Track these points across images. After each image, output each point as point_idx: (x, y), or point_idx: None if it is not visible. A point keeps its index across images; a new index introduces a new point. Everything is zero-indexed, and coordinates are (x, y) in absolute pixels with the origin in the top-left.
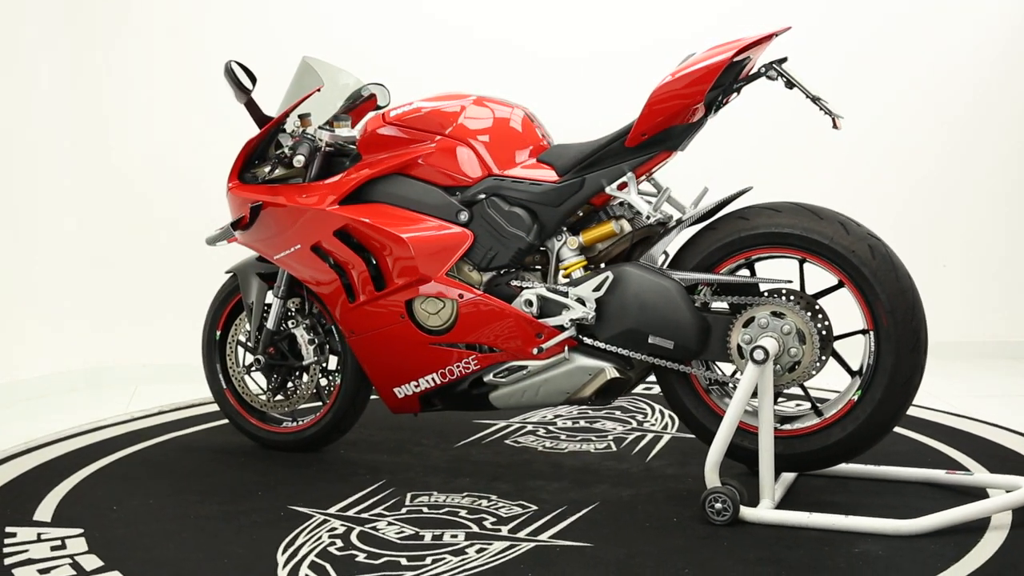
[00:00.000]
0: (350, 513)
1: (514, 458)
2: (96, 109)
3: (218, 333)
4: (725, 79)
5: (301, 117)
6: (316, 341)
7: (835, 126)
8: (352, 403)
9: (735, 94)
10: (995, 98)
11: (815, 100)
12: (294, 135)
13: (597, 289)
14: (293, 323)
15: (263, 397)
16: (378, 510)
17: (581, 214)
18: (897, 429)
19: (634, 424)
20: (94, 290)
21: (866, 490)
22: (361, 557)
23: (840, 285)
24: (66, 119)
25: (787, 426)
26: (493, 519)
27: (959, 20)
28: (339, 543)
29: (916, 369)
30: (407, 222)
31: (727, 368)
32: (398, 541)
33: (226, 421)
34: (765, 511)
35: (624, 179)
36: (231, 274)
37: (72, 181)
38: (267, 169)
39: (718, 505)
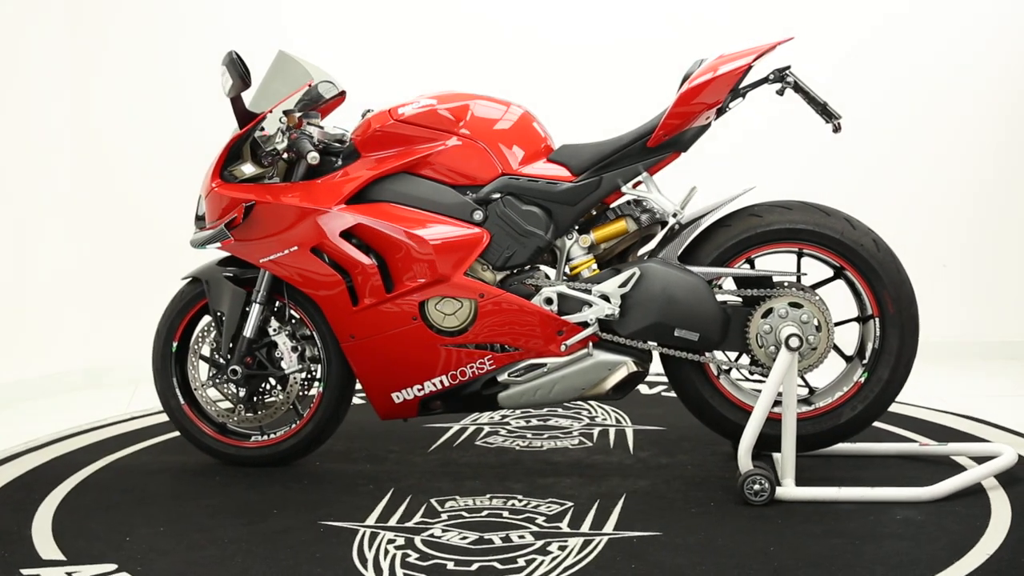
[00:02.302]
0: (392, 523)
1: (501, 458)
2: (95, 110)
3: (175, 344)
4: (737, 84)
5: (287, 113)
6: (299, 349)
7: (838, 129)
8: (335, 412)
9: (740, 99)
10: (995, 98)
11: (824, 106)
12: (290, 133)
13: (623, 285)
14: (275, 330)
15: (236, 410)
16: (417, 518)
17: (595, 213)
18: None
19: (587, 420)
20: (94, 290)
21: (853, 465)
22: (451, 565)
23: (835, 277)
24: (65, 119)
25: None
26: (543, 517)
27: (959, 20)
28: (412, 554)
29: (914, 350)
30: (422, 222)
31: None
32: (470, 547)
33: None
34: (797, 489)
35: (640, 179)
36: (188, 281)
37: (71, 181)
38: (251, 168)
39: (756, 487)
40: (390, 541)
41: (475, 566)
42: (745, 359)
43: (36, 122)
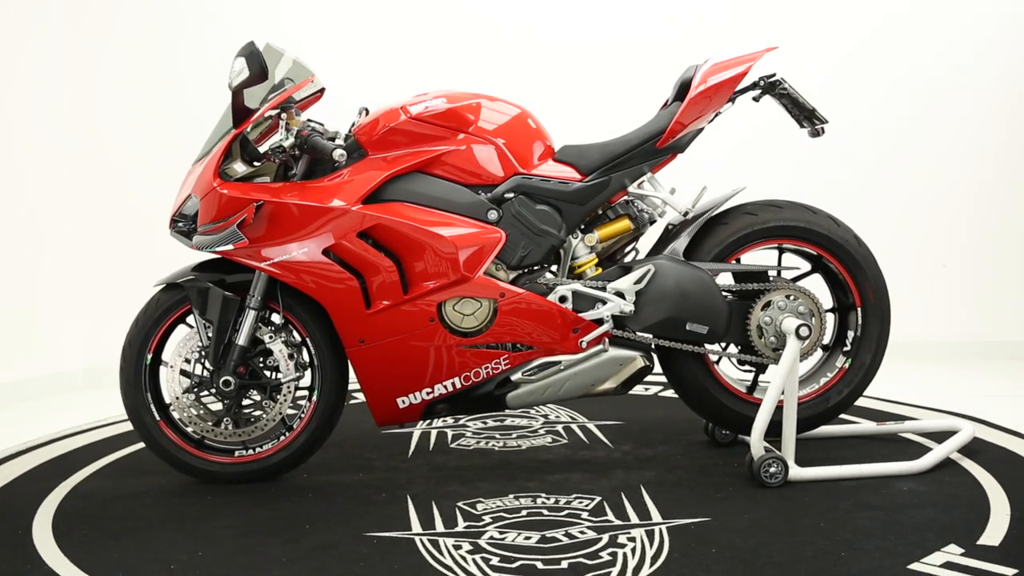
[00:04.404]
0: (439, 529)
1: (488, 459)
2: (96, 111)
3: (149, 357)
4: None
5: (284, 110)
6: (295, 356)
7: (818, 134)
8: (329, 421)
9: (730, 103)
10: (995, 98)
11: (812, 111)
12: (300, 129)
13: (639, 282)
14: (270, 337)
15: (223, 424)
16: (463, 524)
17: (600, 212)
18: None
19: (543, 419)
20: (94, 290)
21: (824, 447)
22: (540, 565)
23: (812, 271)
24: (64, 121)
25: None
26: (586, 512)
27: (958, 20)
28: (492, 558)
29: (888, 336)
30: (443, 222)
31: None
32: (541, 546)
33: None
34: (803, 469)
35: (644, 179)
36: (162, 288)
37: (71, 182)
38: (243, 167)
39: (772, 469)
40: (456, 547)
41: (564, 563)
42: (732, 349)
43: (37, 124)
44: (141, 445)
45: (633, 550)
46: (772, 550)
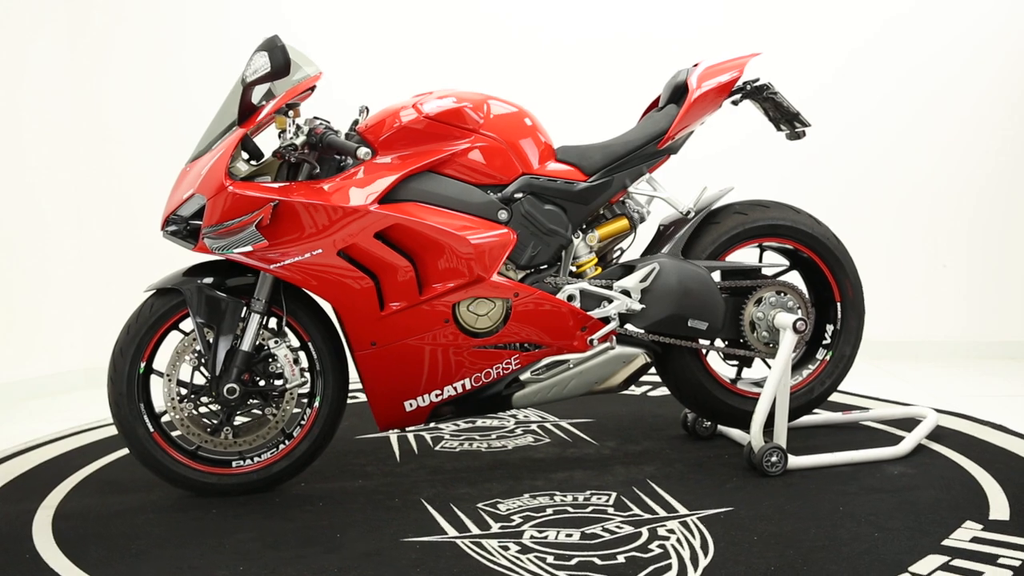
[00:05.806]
0: (474, 532)
1: (482, 461)
2: (98, 110)
3: (142, 365)
4: None
5: (292, 108)
6: (297, 361)
7: (798, 137)
8: (332, 427)
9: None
10: (995, 98)
11: (796, 115)
12: (312, 127)
13: (644, 280)
14: (275, 343)
15: (223, 433)
16: (496, 525)
17: (599, 212)
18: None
19: (514, 420)
20: (95, 290)
21: (800, 436)
22: (597, 561)
23: (790, 268)
24: (66, 120)
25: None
26: (611, 508)
27: (958, 20)
28: (547, 556)
29: (864, 328)
30: (457, 222)
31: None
32: (585, 543)
33: None
34: (800, 458)
35: (643, 179)
36: (152, 293)
37: (72, 182)
38: (246, 166)
39: (774, 458)
40: (503, 548)
41: (620, 558)
42: (719, 343)
43: (38, 122)
44: (114, 456)
45: (679, 541)
46: (810, 536)
